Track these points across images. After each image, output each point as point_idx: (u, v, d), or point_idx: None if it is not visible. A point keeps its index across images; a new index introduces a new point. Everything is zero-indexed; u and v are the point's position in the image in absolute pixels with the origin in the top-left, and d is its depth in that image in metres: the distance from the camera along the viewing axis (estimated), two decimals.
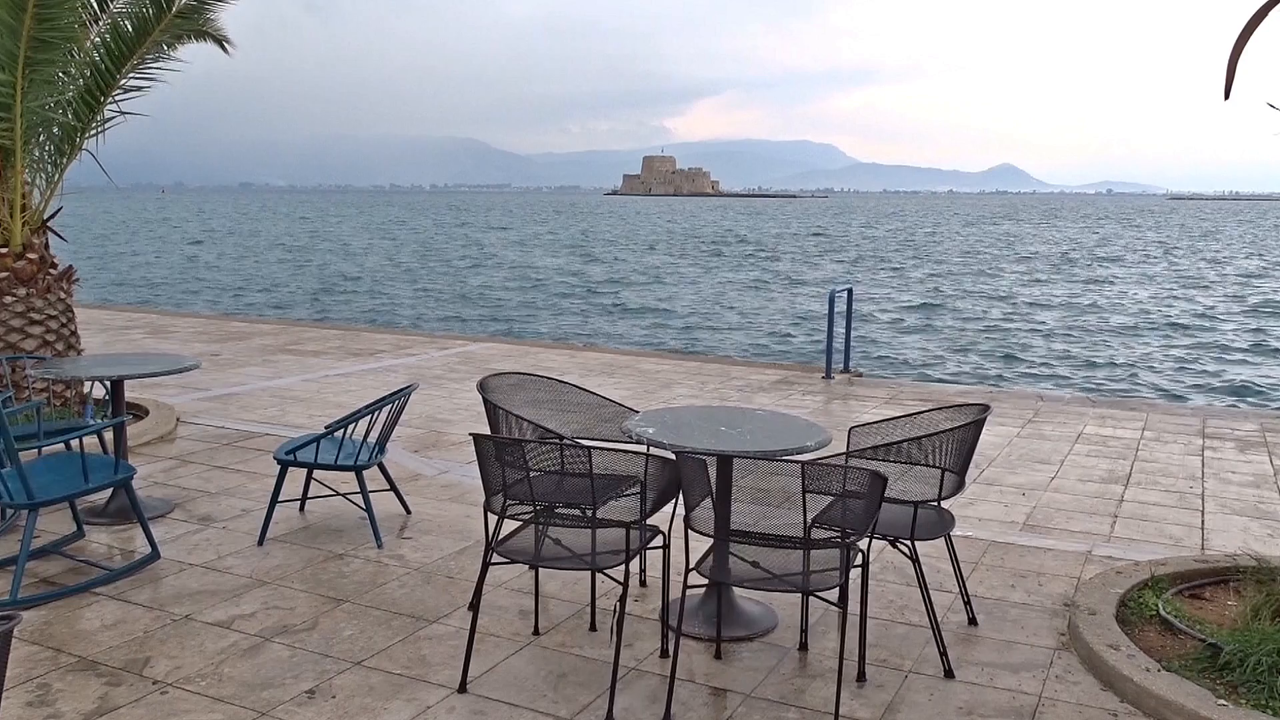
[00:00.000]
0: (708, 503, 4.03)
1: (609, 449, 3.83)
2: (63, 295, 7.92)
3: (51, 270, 7.91)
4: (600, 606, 4.53)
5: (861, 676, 3.99)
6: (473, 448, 3.97)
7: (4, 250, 7.58)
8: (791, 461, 3.62)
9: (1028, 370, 18.75)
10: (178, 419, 8.14)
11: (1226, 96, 4.19)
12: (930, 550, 4.88)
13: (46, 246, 7.99)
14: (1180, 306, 29.18)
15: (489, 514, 4.00)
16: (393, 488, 5.89)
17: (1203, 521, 6.07)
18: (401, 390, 5.59)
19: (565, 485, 3.94)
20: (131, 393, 8.13)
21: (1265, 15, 4.14)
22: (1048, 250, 56.15)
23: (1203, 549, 5.56)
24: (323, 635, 4.33)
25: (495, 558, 3.89)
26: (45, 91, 7.50)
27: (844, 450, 4.48)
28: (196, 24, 8.25)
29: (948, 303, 29.68)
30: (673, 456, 4.00)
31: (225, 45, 8.61)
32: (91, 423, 6.95)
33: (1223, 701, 3.63)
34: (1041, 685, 3.98)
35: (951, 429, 4.24)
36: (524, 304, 30.14)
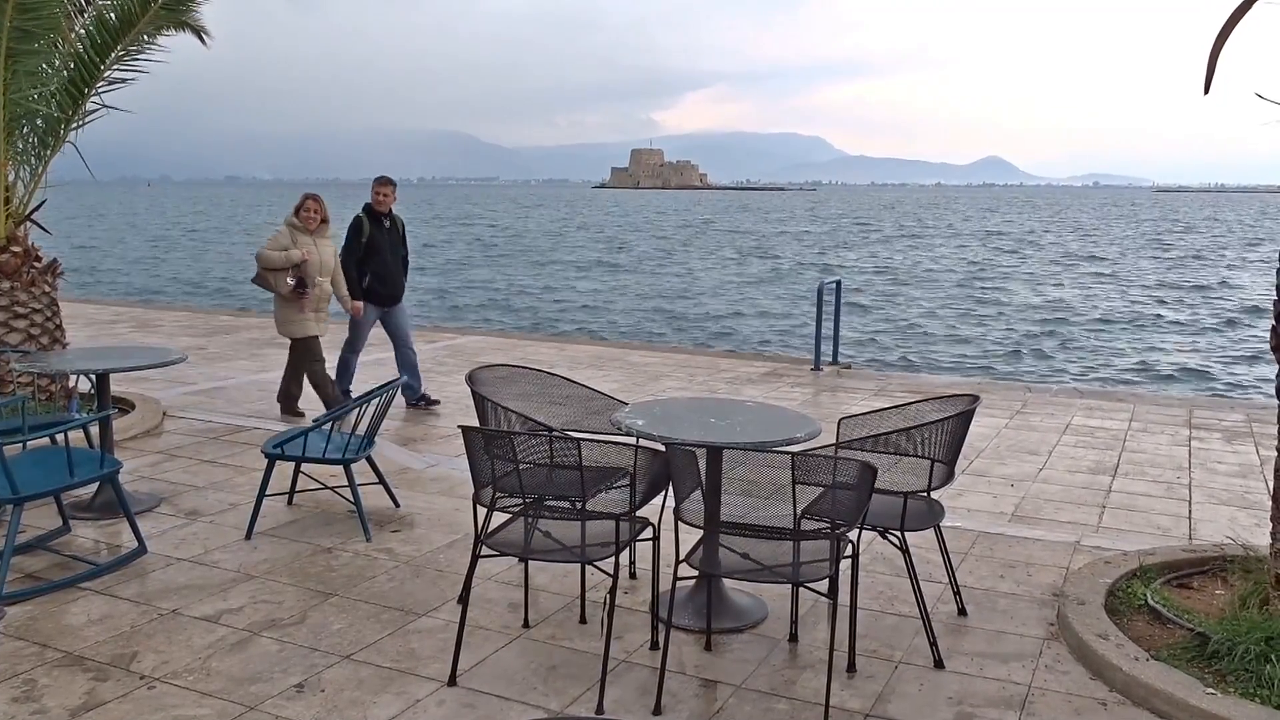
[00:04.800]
0: (698, 494, 4.02)
1: (598, 441, 3.82)
2: (47, 289, 7.86)
3: (36, 264, 7.84)
4: (590, 599, 4.52)
5: (852, 667, 4.00)
6: (461, 440, 3.96)
7: None
8: (781, 453, 3.61)
9: (1018, 361, 18.81)
10: (164, 413, 8.10)
11: (1206, 91, 4.20)
12: (920, 541, 4.89)
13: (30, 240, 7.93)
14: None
15: (478, 507, 3.98)
16: (381, 481, 5.86)
17: (1190, 511, 6.10)
18: (390, 383, 5.57)
19: (555, 477, 3.93)
20: (117, 386, 8.07)
21: (1245, 11, 4.15)
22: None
23: (1190, 539, 5.59)
24: (311, 629, 4.31)
25: (484, 550, 3.88)
26: (28, 83, 7.43)
27: (833, 442, 4.49)
28: (179, 15, 8.18)
29: (940, 297, 29.75)
30: (662, 448, 3.99)
31: (203, 37, 8.54)
32: (77, 417, 6.90)
33: (1211, 690, 3.65)
34: (1031, 675, 3.99)
35: (941, 420, 4.24)
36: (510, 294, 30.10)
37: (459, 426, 4.05)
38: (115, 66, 8.09)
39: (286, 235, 7.70)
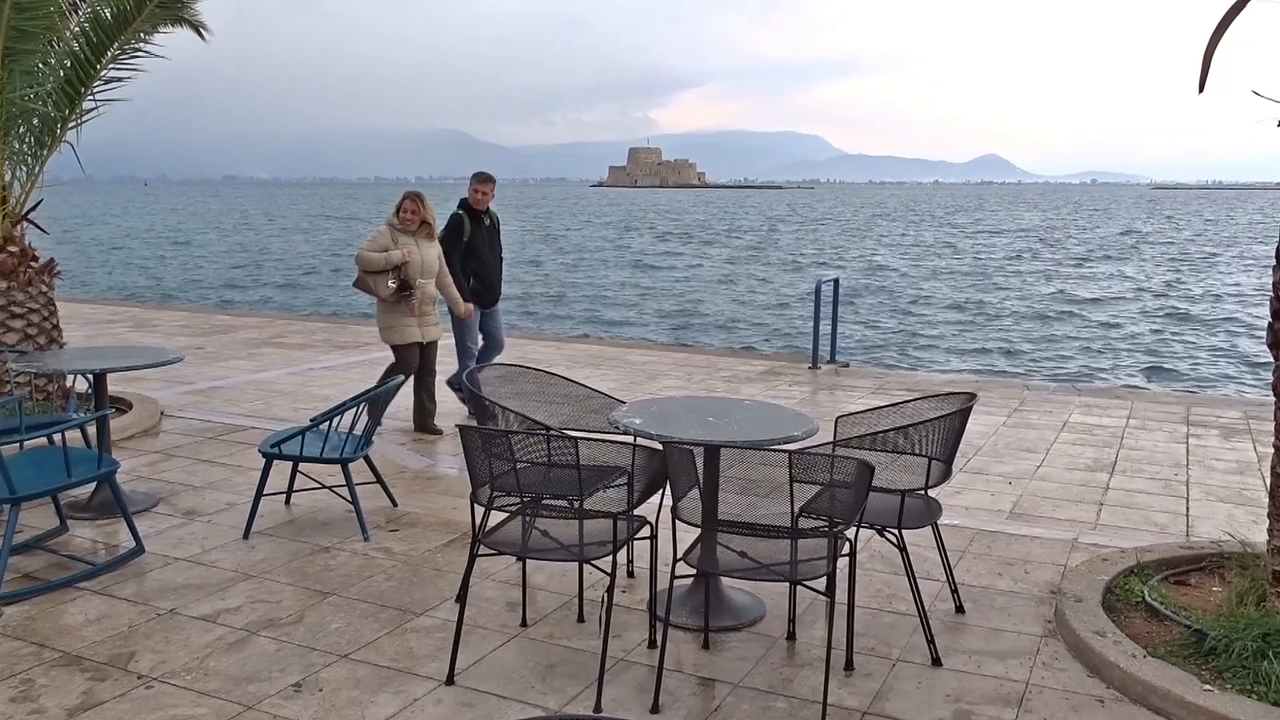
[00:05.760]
0: (695, 493, 4.02)
1: (596, 440, 3.82)
2: (44, 288, 7.85)
3: (33, 263, 7.84)
4: (588, 598, 4.52)
5: (849, 665, 4.00)
6: (459, 439, 3.95)
7: None
8: (779, 451, 3.61)
9: (1015, 360, 18.82)
10: (162, 413, 8.09)
11: (1201, 90, 4.18)
12: (918, 539, 4.89)
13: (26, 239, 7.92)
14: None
15: (476, 506, 3.98)
16: (379, 480, 5.86)
17: (1188, 509, 6.11)
18: (387, 383, 5.57)
19: (552, 476, 3.92)
20: (115, 386, 8.06)
21: (1240, 10, 4.14)
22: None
23: (1188, 536, 5.59)
24: (309, 628, 4.31)
25: (482, 549, 3.88)
26: (25, 82, 7.42)
27: (831, 440, 4.49)
28: (176, 12, 8.16)
29: (936, 294, 29.76)
30: (660, 447, 3.99)
31: (202, 32, 8.51)
32: (74, 416, 6.89)
33: (1208, 687, 3.65)
34: (1029, 672, 4.00)
35: (939, 418, 4.24)
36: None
37: (456, 425, 4.05)
38: (112, 65, 8.07)
39: (387, 235, 7.31)
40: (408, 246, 7.29)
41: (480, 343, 8.26)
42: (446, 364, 8.27)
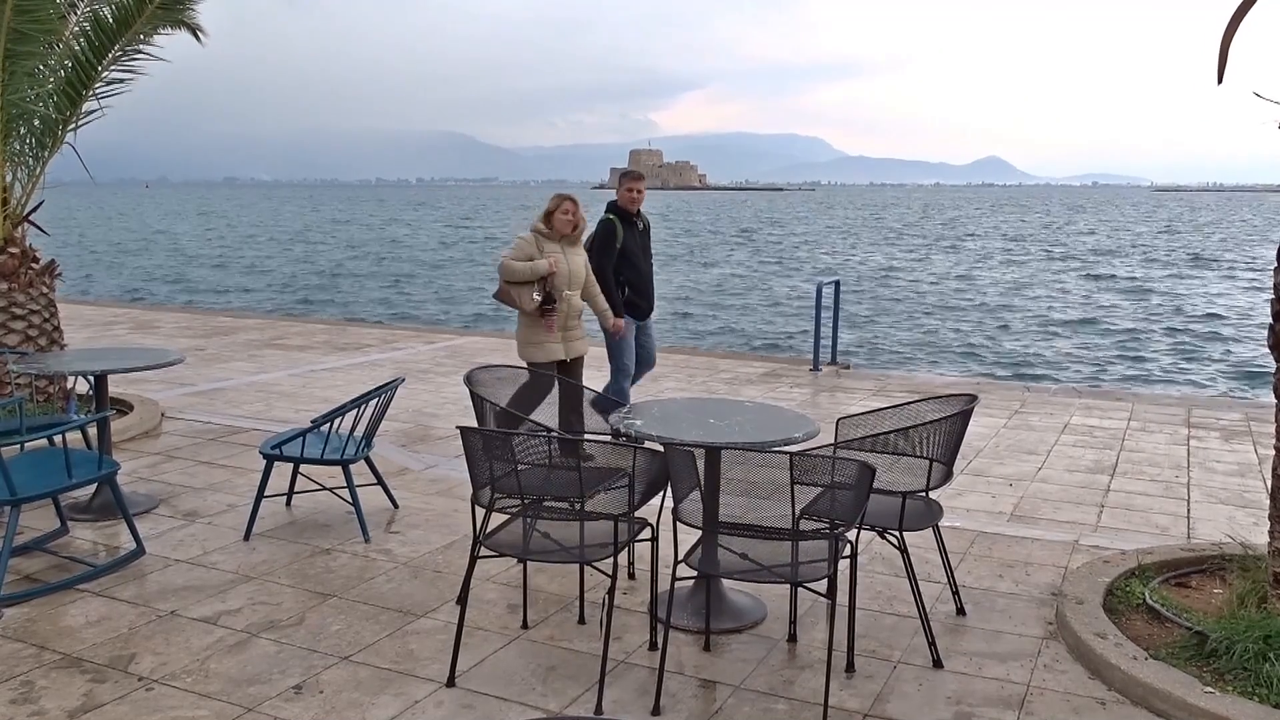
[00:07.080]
0: (696, 495, 4.02)
1: (597, 441, 3.82)
2: (45, 290, 7.85)
3: (33, 265, 7.84)
4: (589, 599, 4.52)
5: (850, 667, 3.99)
6: (460, 441, 3.96)
7: None
8: (780, 453, 3.61)
9: (1017, 362, 18.81)
10: (162, 414, 8.09)
11: (1220, 81, 4.12)
12: (918, 541, 4.89)
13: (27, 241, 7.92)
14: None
15: (476, 507, 3.98)
16: (380, 482, 5.86)
17: (1189, 511, 6.10)
18: (388, 384, 5.57)
19: (553, 478, 3.92)
20: (115, 388, 8.07)
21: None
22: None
23: (1189, 538, 5.59)
24: (310, 630, 4.30)
25: (483, 551, 3.88)
26: (25, 84, 7.43)
27: (832, 442, 4.48)
28: (176, 14, 8.17)
29: (936, 294, 29.76)
30: (661, 449, 3.99)
31: (199, 35, 8.52)
32: (75, 418, 6.89)
33: (1209, 689, 3.65)
34: (1030, 674, 3.99)
35: (939, 420, 4.24)
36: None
37: (457, 427, 4.05)
38: (113, 67, 8.07)
39: (531, 243, 6.45)
40: (554, 255, 6.43)
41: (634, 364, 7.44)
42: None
